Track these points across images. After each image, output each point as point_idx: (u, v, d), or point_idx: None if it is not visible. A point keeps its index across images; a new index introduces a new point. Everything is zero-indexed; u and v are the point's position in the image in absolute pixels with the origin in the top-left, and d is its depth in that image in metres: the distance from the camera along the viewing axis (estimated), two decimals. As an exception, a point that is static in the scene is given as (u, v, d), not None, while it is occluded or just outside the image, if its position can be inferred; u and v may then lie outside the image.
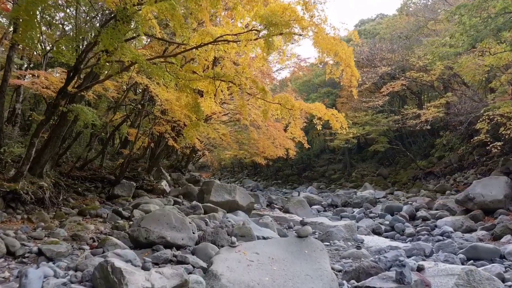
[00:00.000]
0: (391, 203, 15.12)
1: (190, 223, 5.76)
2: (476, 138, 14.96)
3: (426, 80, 16.54)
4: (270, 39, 6.30)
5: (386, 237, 11.54)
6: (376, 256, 7.52)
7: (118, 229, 6.84)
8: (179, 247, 5.59)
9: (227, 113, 14.78)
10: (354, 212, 15.10)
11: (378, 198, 17.61)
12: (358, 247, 7.38)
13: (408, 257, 7.09)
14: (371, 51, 18.17)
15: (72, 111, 7.55)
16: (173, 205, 10.66)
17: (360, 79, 17.99)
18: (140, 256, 5.41)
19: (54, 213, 8.43)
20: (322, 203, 18.18)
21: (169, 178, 15.02)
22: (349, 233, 10.44)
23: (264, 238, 7.57)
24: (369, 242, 10.53)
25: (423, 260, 7.03)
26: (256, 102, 15.48)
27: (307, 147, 9.24)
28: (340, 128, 8.15)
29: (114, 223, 7.29)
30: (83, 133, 14.56)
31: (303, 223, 5.43)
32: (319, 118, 8.31)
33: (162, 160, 19.34)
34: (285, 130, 15.45)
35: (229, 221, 8.41)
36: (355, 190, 21.58)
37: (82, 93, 8.00)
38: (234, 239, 5.00)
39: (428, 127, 16.28)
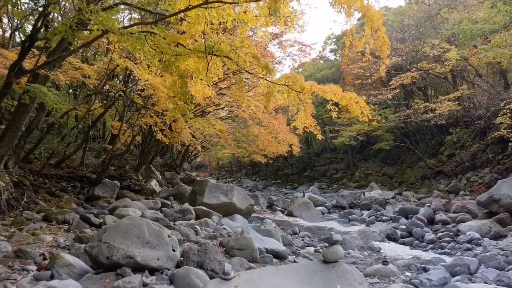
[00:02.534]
0: (404, 205, 13.54)
1: (169, 236, 4.15)
2: (496, 133, 13.39)
3: (439, 71, 14.99)
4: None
5: (403, 243, 9.98)
6: (408, 274, 5.95)
7: (81, 242, 5.22)
8: (153, 271, 3.97)
9: (224, 107, 13.17)
10: (363, 214, 13.52)
11: (387, 199, 16.05)
12: (385, 262, 5.78)
13: (451, 275, 5.51)
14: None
15: (29, 93, 5.92)
16: (160, 208, 9.04)
17: (367, 72, 16.17)
18: (97, 285, 3.80)
19: (12, 218, 6.81)
20: (326, 204, 16.61)
21: (160, 177, 13.39)
22: (364, 240, 8.88)
23: (267, 250, 5.98)
24: (386, 250, 8.96)
25: (470, 280, 5.46)
26: (255, 96, 13.89)
27: (320, 138, 7.65)
28: (361, 114, 6.56)
29: (79, 233, 5.67)
30: (67, 125, 12.95)
31: (330, 241, 3.81)
32: (335, 104, 6.72)
33: (155, 158, 17.73)
34: (287, 125, 13.87)
35: (224, 229, 6.80)
36: (360, 190, 20.00)
37: (45, 71, 6.38)
38: (227, 267, 3.36)
39: (444, 121, 14.73)
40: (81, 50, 9.76)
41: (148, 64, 6.71)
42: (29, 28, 9.42)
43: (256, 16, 6.08)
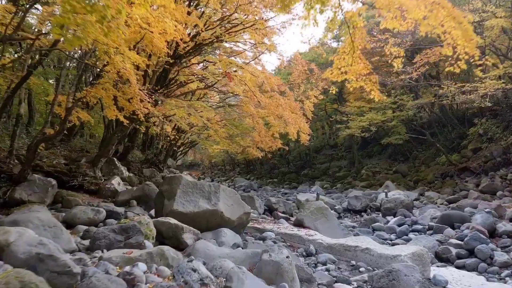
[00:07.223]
0: (446, 210, 10.21)
1: None
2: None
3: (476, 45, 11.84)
4: None
5: (463, 266, 6.63)
6: None
7: None
8: None
9: (213, 83, 9.74)
10: (389, 221, 10.17)
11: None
12: None
13: None
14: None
15: None
16: (103, 220, 5.58)
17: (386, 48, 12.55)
18: None
19: None
20: (336, 207, 13.23)
21: (126, 174, 9.90)
22: (421, 268, 5.47)
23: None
24: (452, 283, 5.60)
25: None
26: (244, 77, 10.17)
27: (377, 99, 4.28)
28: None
29: None
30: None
31: None
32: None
33: (132, 151, 14.21)
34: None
35: (195, 270, 3.32)
36: (371, 190, 16.75)
37: None
38: None
39: (489, 103, 11.55)
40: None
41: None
42: None
43: None
